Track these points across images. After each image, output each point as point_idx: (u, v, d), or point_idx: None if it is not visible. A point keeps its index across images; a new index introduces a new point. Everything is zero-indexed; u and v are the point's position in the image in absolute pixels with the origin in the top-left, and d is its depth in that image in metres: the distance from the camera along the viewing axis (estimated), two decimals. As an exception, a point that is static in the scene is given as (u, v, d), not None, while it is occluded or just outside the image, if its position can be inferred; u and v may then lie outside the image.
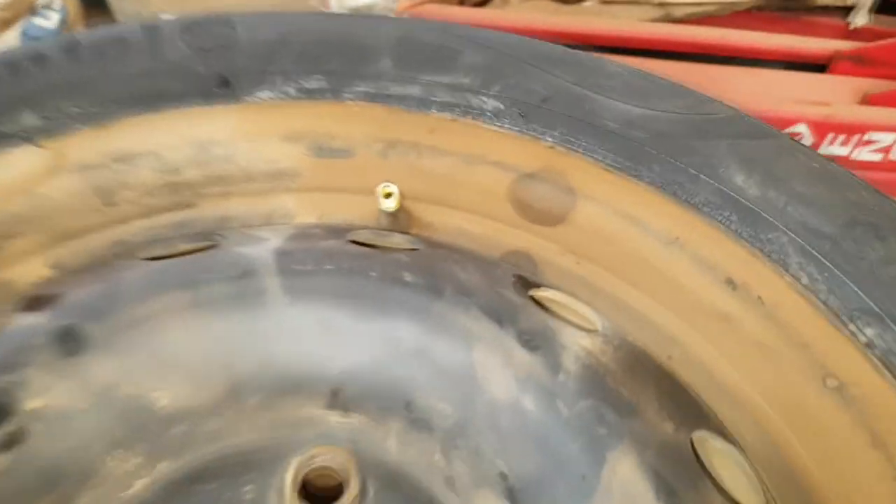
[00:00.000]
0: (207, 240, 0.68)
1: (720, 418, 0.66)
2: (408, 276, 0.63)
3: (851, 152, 1.51)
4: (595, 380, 0.57)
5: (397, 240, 0.70)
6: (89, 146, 0.72)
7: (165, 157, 0.73)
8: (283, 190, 0.75)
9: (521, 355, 0.59)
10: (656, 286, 0.70)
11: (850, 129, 1.45)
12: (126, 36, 0.79)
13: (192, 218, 0.75)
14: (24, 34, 2.08)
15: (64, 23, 2.20)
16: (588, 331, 0.63)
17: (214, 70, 0.78)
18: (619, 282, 0.72)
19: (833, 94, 1.56)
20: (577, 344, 0.59)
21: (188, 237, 0.70)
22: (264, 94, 0.76)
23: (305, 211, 0.76)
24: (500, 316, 0.61)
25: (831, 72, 1.62)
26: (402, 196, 0.73)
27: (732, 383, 0.67)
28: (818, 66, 1.65)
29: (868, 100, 1.51)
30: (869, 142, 1.48)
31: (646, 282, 0.71)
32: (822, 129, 1.47)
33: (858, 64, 1.65)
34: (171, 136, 0.73)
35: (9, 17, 2.11)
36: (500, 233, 0.75)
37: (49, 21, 2.20)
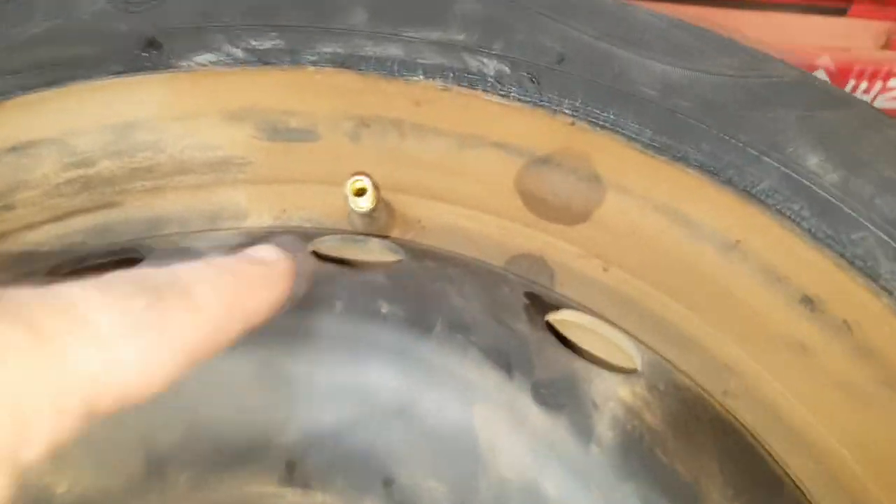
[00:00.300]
0: (126, 254, 0.52)
1: (792, 477, 0.51)
2: (385, 307, 0.47)
3: (873, 100, 1.38)
4: (640, 452, 0.42)
5: (374, 247, 0.55)
6: (-24, 132, 0.56)
7: (75, 146, 0.57)
8: (229, 183, 0.59)
9: (539, 417, 0.43)
10: (709, 303, 0.55)
11: (873, 75, 1.32)
12: (29, -13, 0.62)
13: (115, 221, 0.59)
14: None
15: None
16: (625, 372, 0.47)
17: (139, 28, 0.61)
18: (658, 293, 0.57)
19: (853, 38, 1.42)
20: (613, 398, 0.44)
21: (106, 250, 0.54)
22: (203, 59, 0.59)
23: (260, 208, 0.60)
24: (508, 359, 0.45)
25: (851, 15, 1.47)
26: (381, 188, 0.57)
27: (807, 430, 0.52)
28: (837, 8, 1.50)
29: (891, 44, 1.37)
30: (892, 88, 1.36)
31: (695, 297, 0.55)
32: (842, 75, 1.34)
33: (880, 5, 1.50)
34: (81, 118, 0.57)
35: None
36: (507, 232, 0.59)
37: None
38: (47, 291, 0.31)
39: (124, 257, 0.54)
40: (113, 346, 0.31)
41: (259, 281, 0.40)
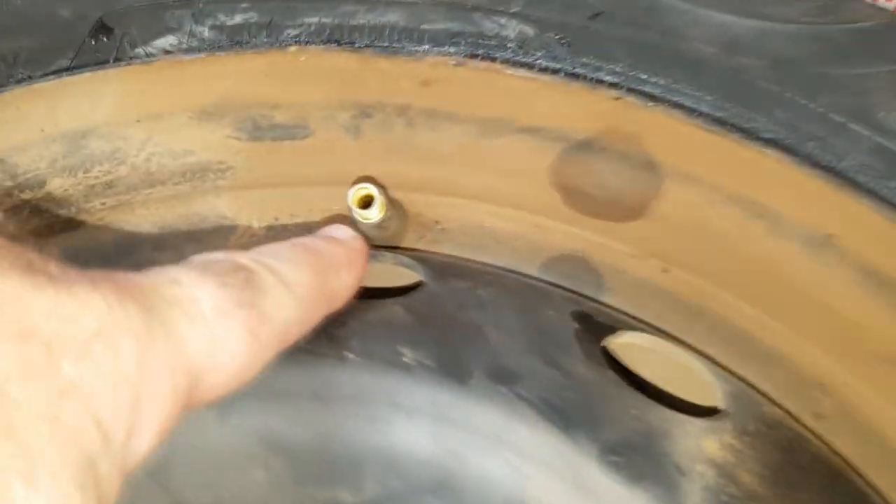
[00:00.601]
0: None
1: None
2: (408, 353, 0.38)
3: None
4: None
5: (387, 265, 0.45)
6: None
7: (16, 164, 0.47)
8: (209, 192, 0.50)
9: (612, 492, 0.34)
10: (795, 310, 0.46)
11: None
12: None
13: (78, 247, 0.49)
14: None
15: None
16: (707, 415, 0.38)
17: (85, 11, 0.50)
18: (731, 298, 0.47)
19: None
20: (700, 458, 0.35)
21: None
22: (164, 43, 0.49)
23: (248, 218, 0.51)
24: (566, 414, 0.36)
25: None
26: (390, 187, 0.48)
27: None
28: None
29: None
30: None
31: (778, 303, 0.46)
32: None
33: None
34: (22, 130, 0.47)
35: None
36: (542, 231, 0.50)
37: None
38: (150, 272, 0.30)
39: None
40: (216, 325, 0.30)
41: (340, 261, 0.40)
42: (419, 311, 0.41)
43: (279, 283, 0.34)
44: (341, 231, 0.43)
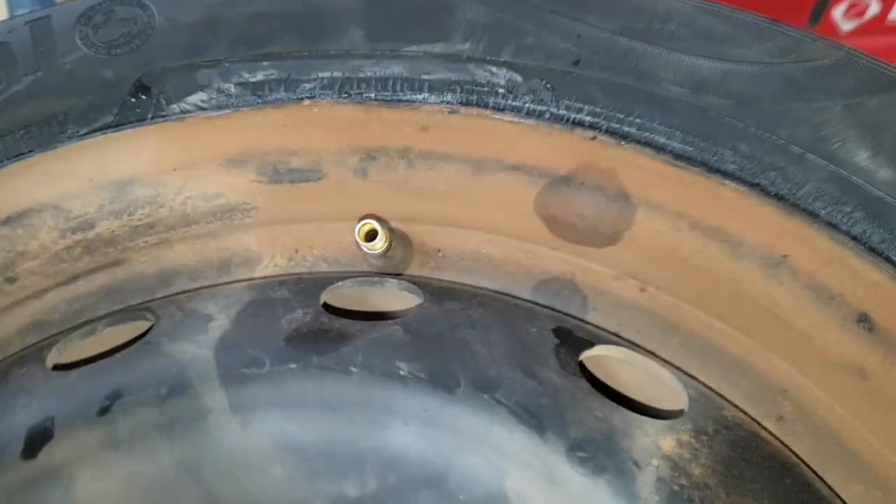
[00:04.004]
0: (135, 318, 0.49)
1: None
2: (404, 367, 0.44)
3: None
4: (689, 517, 0.38)
5: (390, 290, 0.51)
6: (-32, 205, 0.54)
7: (70, 210, 0.54)
8: (237, 228, 0.56)
9: (578, 484, 0.40)
10: (757, 325, 0.50)
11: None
12: (7, 39, 0.59)
13: (122, 279, 0.56)
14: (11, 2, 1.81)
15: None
16: (670, 416, 0.43)
17: (125, 73, 0.57)
18: (702, 315, 0.52)
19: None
20: (656, 454, 0.40)
21: (114, 317, 0.51)
22: (195, 100, 0.56)
23: (272, 250, 0.57)
24: (540, 418, 0.42)
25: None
26: (395, 219, 0.54)
27: (872, 456, 0.48)
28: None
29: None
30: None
31: (742, 318, 0.51)
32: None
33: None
34: (74, 180, 0.54)
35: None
36: (533, 256, 0.55)
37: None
38: None
39: (136, 320, 0.51)
40: None
41: None
42: (416, 331, 0.47)
43: None
44: None
